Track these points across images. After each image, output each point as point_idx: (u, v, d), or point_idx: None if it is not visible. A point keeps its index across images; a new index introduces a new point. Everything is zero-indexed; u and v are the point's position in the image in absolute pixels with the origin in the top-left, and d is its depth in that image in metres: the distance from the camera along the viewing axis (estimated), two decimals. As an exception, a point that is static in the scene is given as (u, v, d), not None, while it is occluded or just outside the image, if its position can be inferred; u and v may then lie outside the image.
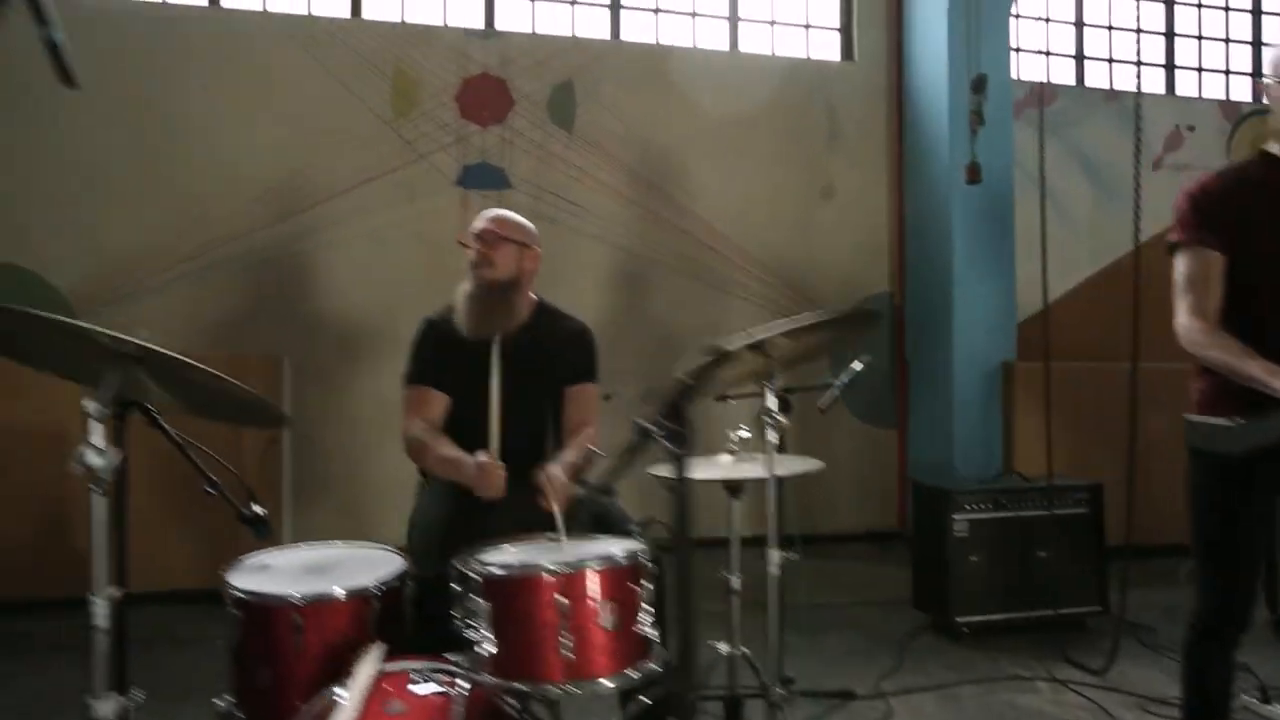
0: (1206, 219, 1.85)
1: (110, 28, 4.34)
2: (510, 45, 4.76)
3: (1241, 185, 1.88)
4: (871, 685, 2.87)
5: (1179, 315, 1.87)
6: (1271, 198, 1.83)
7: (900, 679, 2.95)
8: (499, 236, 2.36)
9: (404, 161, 4.62)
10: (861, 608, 3.85)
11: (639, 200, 4.88)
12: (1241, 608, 1.87)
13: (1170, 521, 3.12)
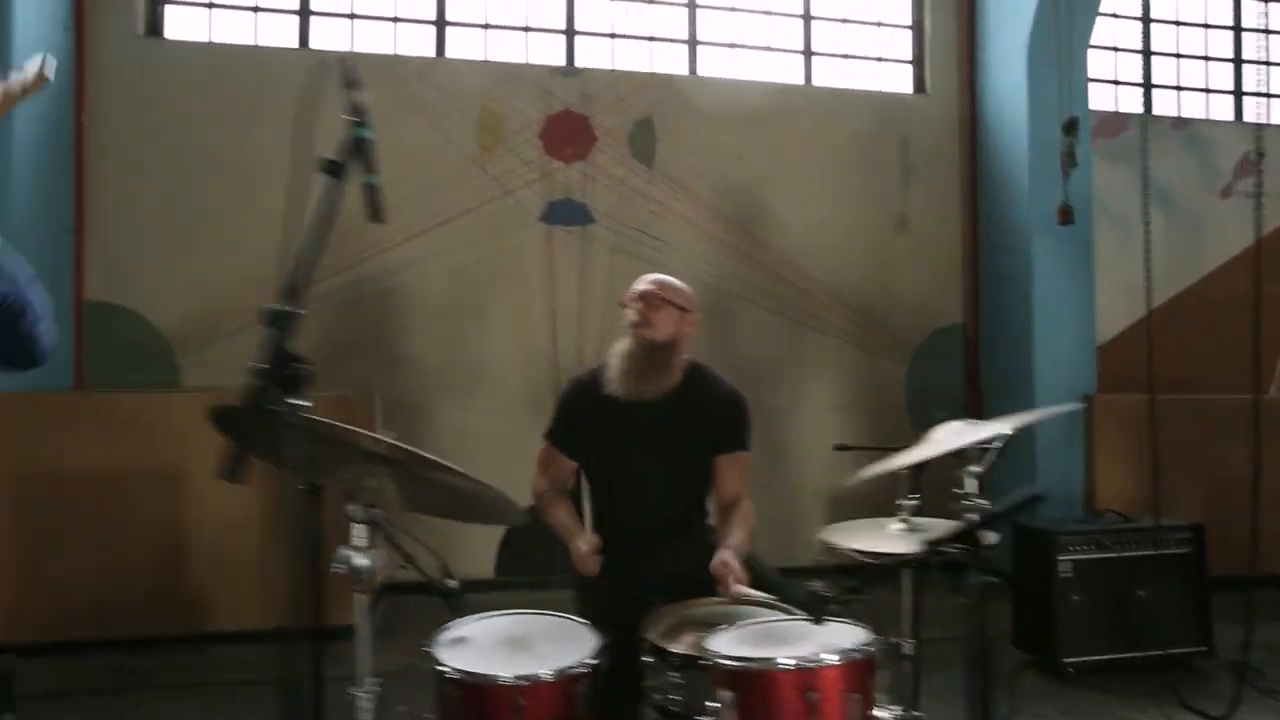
0: None
1: (204, 69, 4.44)
2: (591, 82, 4.82)
3: None
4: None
5: None
6: None
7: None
8: (661, 299, 2.38)
9: (489, 198, 4.68)
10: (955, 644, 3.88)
11: (718, 234, 4.93)
12: None
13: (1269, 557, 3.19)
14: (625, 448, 2.37)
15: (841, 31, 5.28)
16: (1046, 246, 4.55)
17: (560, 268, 4.72)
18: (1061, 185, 4.09)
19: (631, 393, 2.34)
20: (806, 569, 2.76)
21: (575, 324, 4.73)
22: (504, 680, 1.71)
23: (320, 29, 4.71)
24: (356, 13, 4.74)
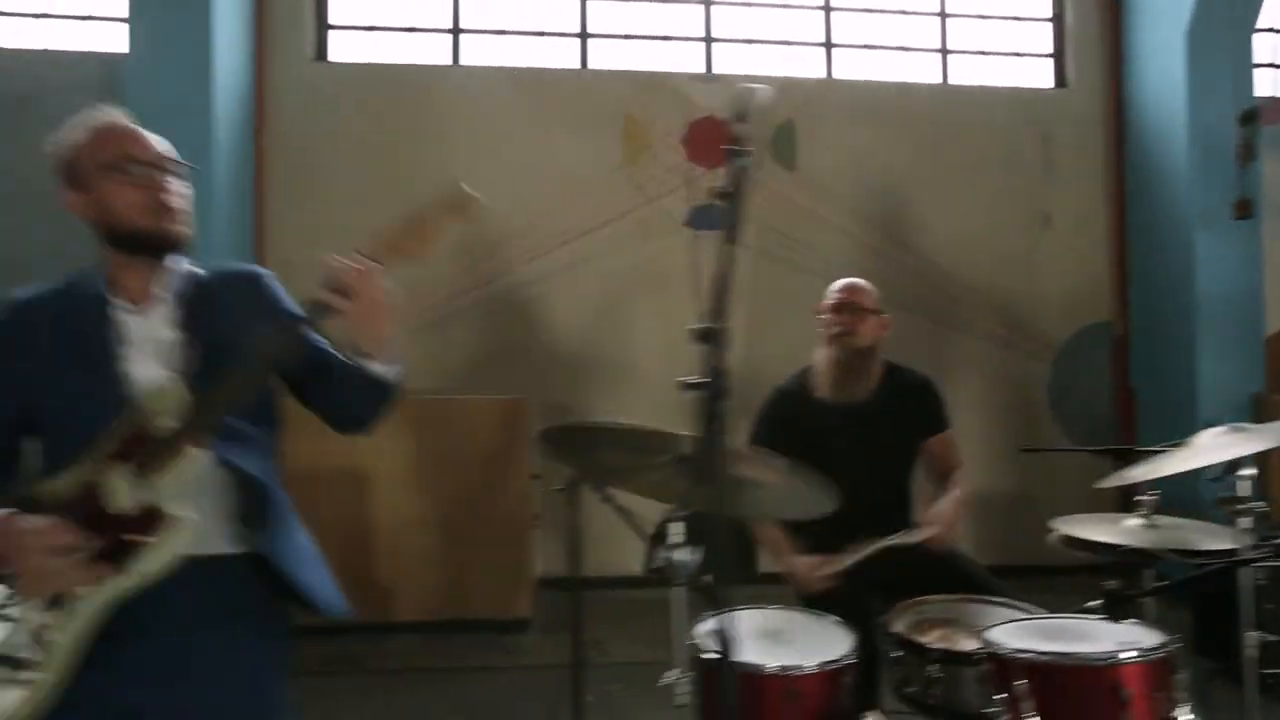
0: None
1: (362, 87, 4.69)
2: (731, 87, 4.87)
3: None
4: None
5: None
6: None
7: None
8: (862, 308, 2.49)
9: (634, 205, 4.80)
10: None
11: (859, 234, 4.93)
12: None
13: None
14: (841, 447, 2.44)
15: (978, 28, 5.21)
16: (1211, 241, 4.39)
17: (705, 272, 4.79)
18: (1237, 178, 3.95)
19: (841, 396, 2.47)
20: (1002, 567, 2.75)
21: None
22: (771, 670, 1.79)
23: (470, 46, 4.91)
24: (504, 29, 4.92)
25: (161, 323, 1.40)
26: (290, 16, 4.70)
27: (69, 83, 4.61)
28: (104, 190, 1.37)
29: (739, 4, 5.05)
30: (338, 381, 1.43)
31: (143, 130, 1.44)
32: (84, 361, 1.34)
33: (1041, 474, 4.72)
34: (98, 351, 1.34)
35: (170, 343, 1.39)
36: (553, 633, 4.11)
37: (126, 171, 1.37)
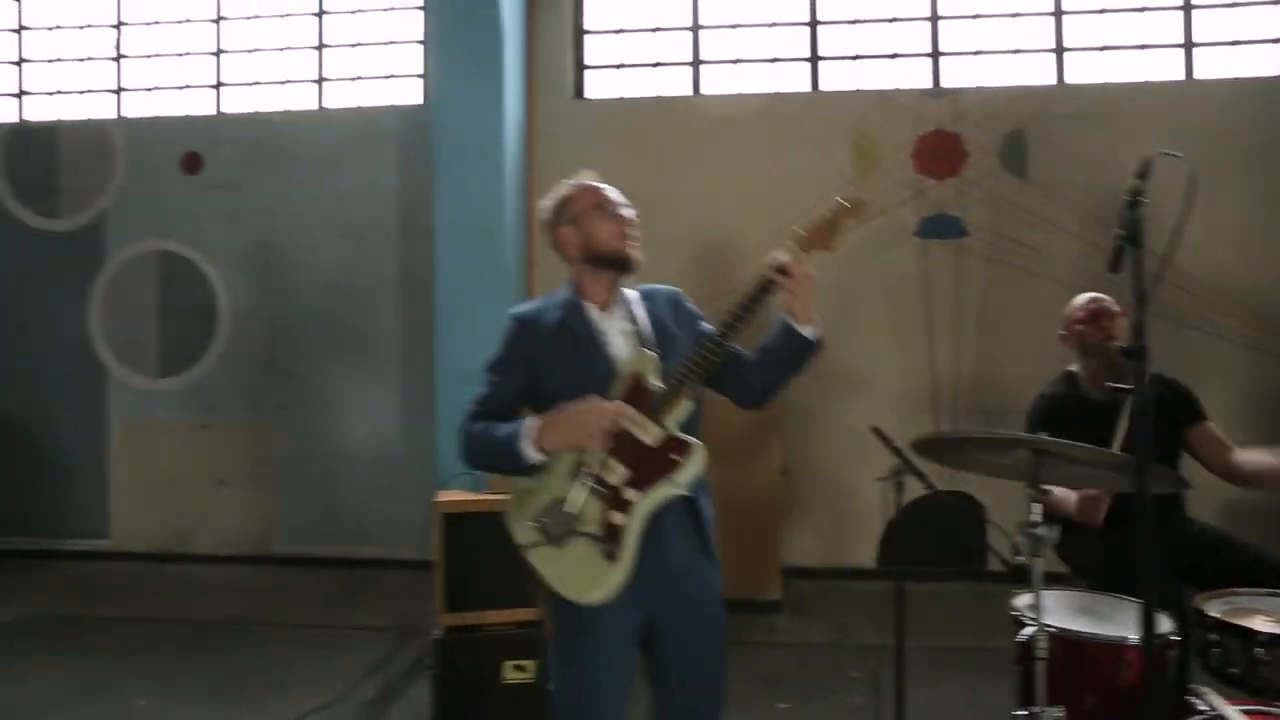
0: None
1: (615, 119, 5.27)
2: (960, 101, 5.06)
3: None
4: None
5: None
6: None
7: None
8: (1116, 313, 2.72)
9: (866, 217, 5.06)
10: None
11: (1093, 239, 4.96)
12: None
13: None
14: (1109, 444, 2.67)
15: (1225, 17, 5.07)
16: None
17: (935, 279, 5.02)
18: None
19: (1107, 394, 2.68)
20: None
21: (951, 331, 5.01)
22: (1104, 639, 2.09)
23: (709, 75, 5.37)
24: (740, 58, 5.34)
25: (620, 319, 1.94)
26: (554, 61, 5.36)
27: (375, 132, 5.52)
28: (589, 223, 1.91)
29: (966, 17, 5.20)
30: (754, 364, 1.88)
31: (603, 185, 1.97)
32: (577, 344, 1.88)
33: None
34: (586, 338, 1.89)
35: (629, 332, 1.91)
36: (800, 615, 4.52)
37: (604, 209, 1.89)
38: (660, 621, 1.78)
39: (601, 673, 1.72)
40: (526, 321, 1.93)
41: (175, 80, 5.82)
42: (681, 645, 1.81)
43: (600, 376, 1.81)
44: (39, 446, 5.72)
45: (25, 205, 5.78)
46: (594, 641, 1.71)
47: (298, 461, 5.51)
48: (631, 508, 1.71)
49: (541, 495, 1.76)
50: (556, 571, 1.71)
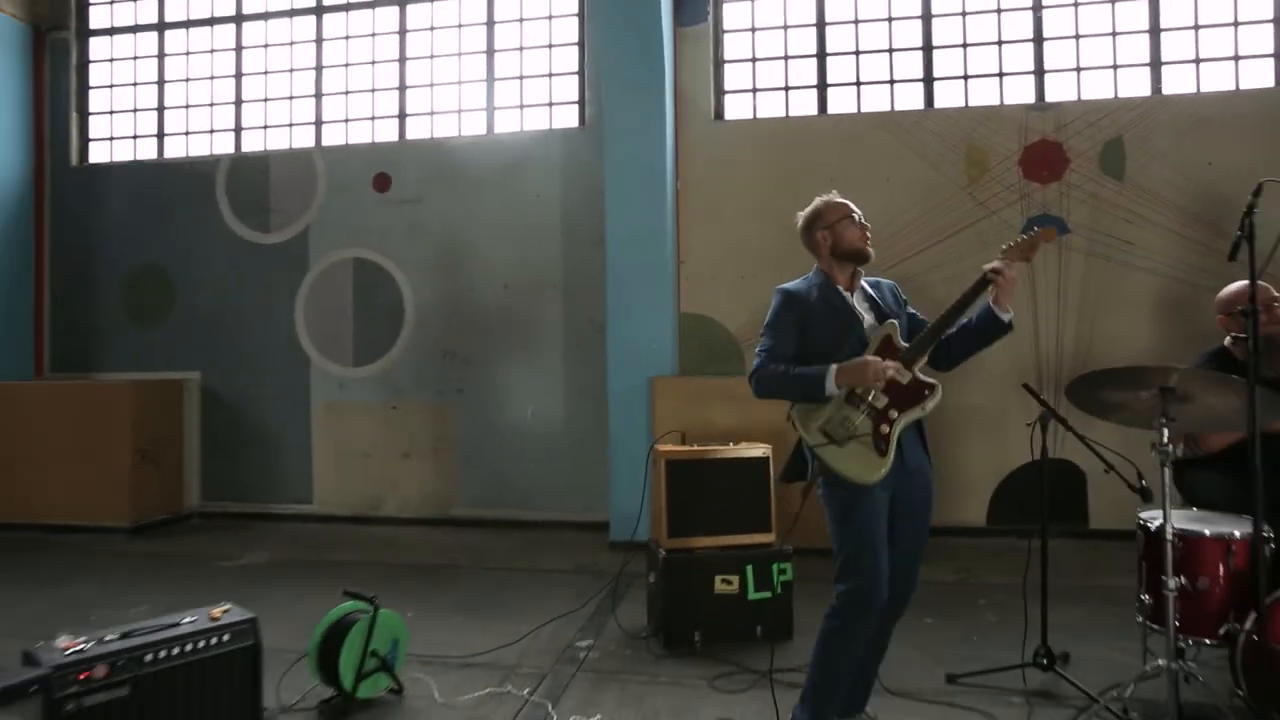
0: None
1: (750, 137, 6.02)
2: (1063, 113, 5.67)
3: None
4: None
5: None
6: None
7: None
8: (1275, 298, 3.30)
9: (976, 218, 5.73)
10: None
11: (1187, 233, 5.51)
12: None
13: None
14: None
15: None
16: None
17: (1040, 272, 5.63)
18: None
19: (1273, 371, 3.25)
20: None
21: (1055, 319, 5.61)
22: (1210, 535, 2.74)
23: (835, 97, 6.08)
24: (861, 80, 6.05)
25: (861, 299, 2.68)
26: (697, 88, 6.14)
27: (539, 153, 6.38)
28: (841, 229, 2.64)
29: (1068, 38, 5.80)
30: (955, 337, 2.60)
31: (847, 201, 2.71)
32: (836, 314, 2.62)
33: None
34: (843, 310, 2.63)
35: (868, 308, 2.65)
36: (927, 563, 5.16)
37: (851, 219, 2.64)
38: (898, 497, 2.52)
39: (876, 524, 2.46)
40: (795, 295, 2.68)
41: (365, 112, 6.80)
42: (907, 518, 2.54)
43: (856, 338, 2.58)
44: (255, 426, 6.74)
45: (242, 222, 6.83)
46: (867, 507, 2.45)
47: (473, 437, 6.39)
48: (894, 424, 2.45)
49: (823, 413, 2.51)
50: (841, 462, 2.45)
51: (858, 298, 2.69)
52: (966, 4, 5.94)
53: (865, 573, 2.44)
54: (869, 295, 2.71)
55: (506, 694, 3.18)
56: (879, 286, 2.77)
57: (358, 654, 3.01)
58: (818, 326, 2.63)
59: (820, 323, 2.63)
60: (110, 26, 7.28)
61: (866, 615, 2.45)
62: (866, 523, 2.46)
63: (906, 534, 2.58)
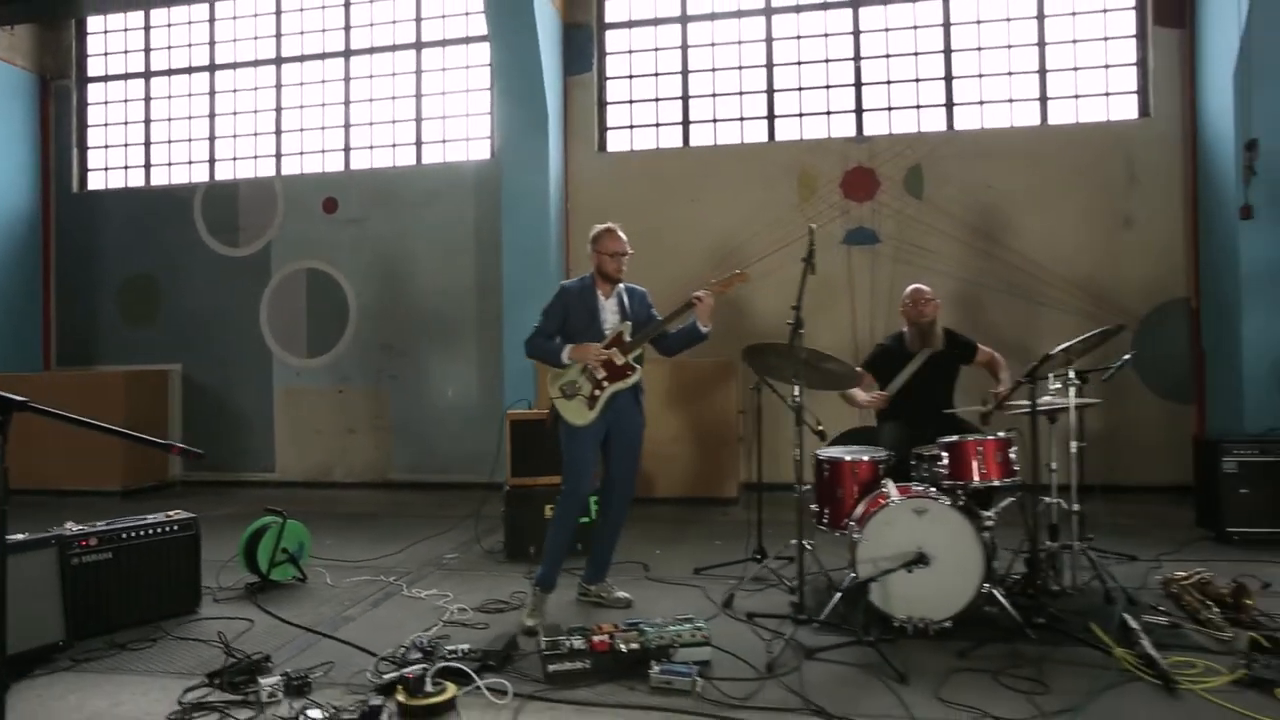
0: None
1: (628, 166, 7.31)
2: (875, 144, 6.97)
3: None
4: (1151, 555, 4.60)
5: None
6: None
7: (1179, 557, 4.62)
8: (929, 299, 4.55)
9: (805, 232, 7.00)
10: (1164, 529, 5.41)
11: (972, 242, 6.80)
12: None
13: None
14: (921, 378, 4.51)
15: (1072, 77, 6.85)
16: (1250, 236, 5.79)
17: (857, 275, 6.93)
18: (1245, 190, 5.44)
19: (918, 348, 4.50)
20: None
21: (868, 313, 6.91)
22: (848, 460, 4.02)
23: (696, 132, 7.39)
24: (717, 118, 7.35)
25: (614, 302, 3.94)
26: (584, 122, 7.45)
27: (458, 180, 7.69)
28: (603, 258, 3.89)
29: (881, 83, 7.10)
30: (673, 337, 3.88)
31: (619, 230, 3.95)
32: (591, 312, 3.87)
33: (1122, 417, 6.35)
34: (594, 309, 3.87)
35: (616, 311, 3.91)
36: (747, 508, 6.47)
37: (612, 252, 3.89)
38: (614, 435, 3.81)
39: (584, 450, 3.74)
40: (566, 291, 3.93)
41: (316, 146, 8.12)
42: (622, 448, 3.83)
43: (597, 330, 3.83)
44: (227, 408, 8.08)
45: (216, 238, 8.17)
46: (580, 439, 3.74)
47: (405, 415, 7.71)
48: (605, 390, 3.75)
49: (565, 377, 3.80)
50: (565, 410, 3.75)
51: (611, 301, 3.91)
52: (801, 55, 7.24)
53: (574, 478, 3.75)
54: (622, 299, 3.94)
55: (377, 580, 4.50)
56: (633, 293, 3.99)
57: (270, 549, 4.33)
58: (575, 316, 3.89)
59: (576, 314, 3.89)
60: (105, 74, 8.64)
61: (575, 504, 3.77)
62: (578, 449, 3.76)
63: (622, 458, 3.86)
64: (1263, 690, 2.80)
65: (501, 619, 3.80)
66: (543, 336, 3.88)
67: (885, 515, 3.52)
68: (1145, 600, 3.78)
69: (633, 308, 3.94)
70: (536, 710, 2.82)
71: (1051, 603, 3.64)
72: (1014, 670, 3.02)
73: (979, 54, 6.96)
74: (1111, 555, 4.56)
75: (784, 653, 3.20)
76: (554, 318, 3.90)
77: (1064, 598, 3.83)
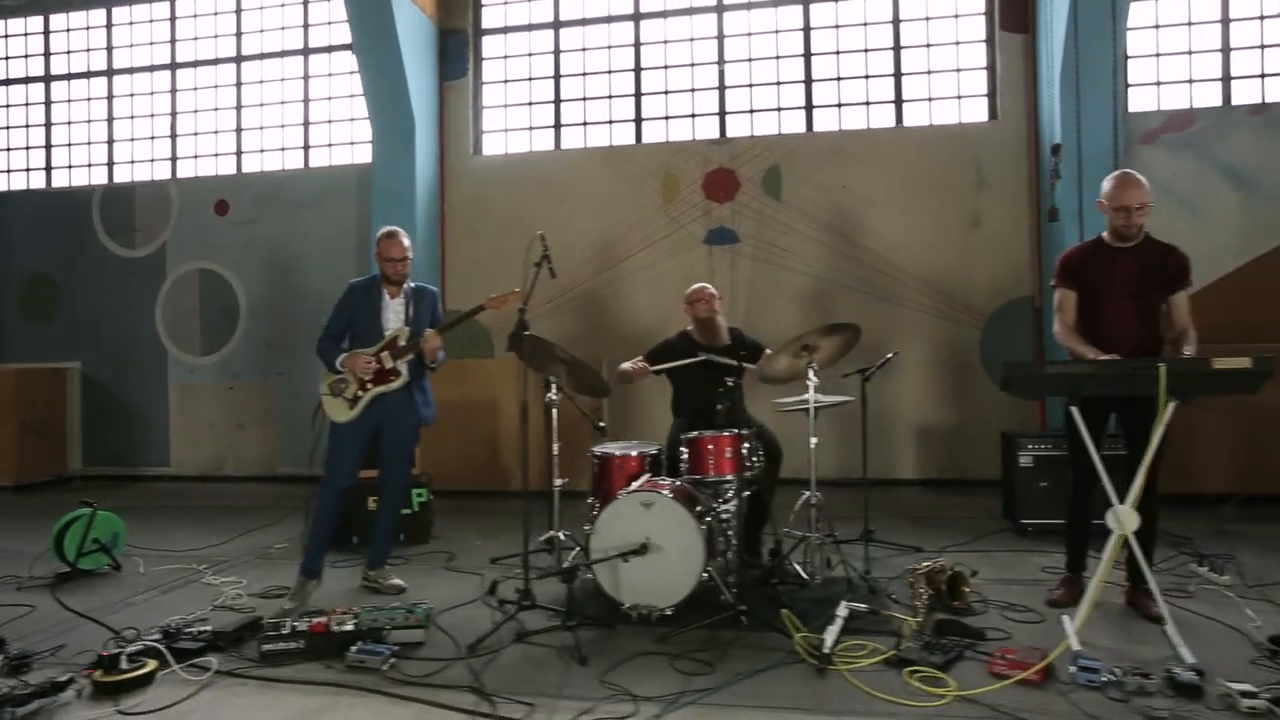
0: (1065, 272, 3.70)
1: (503, 169, 7.49)
2: (736, 146, 7.14)
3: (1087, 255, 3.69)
4: (938, 547, 4.79)
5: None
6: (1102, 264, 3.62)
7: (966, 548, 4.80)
8: (699, 297, 4.74)
9: (669, 231, 7.20)
10: (975, 521, 5.61)
11: (828, 242, 6.97)
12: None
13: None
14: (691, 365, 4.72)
15: (926, 80, 7.01)
16: (1053, 239, 5.97)
17: (718, 272, 7.10)
18: (1052, 191, 5.60)
19: (705, 342, 4.69)
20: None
21: (729, 309, 7.06)
22: (618, 455, 4.21)
23: (567, 135, 7.57)
24: (587, 121, 7.53)
25: (399, 304, 4.12)
26: (459, 127, 7.64)
27: (342, 183, 7.89)
28: (384, 264, 4.07)
29: (743, 86, 7.27)
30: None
31: (401, 234, 4.11)
32: (375, 312, 4.06)
33: (969, 412, 6.53)
34: (378, 310, 4.06)
35: (401, 313, 4.10)
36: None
37: (389, 259, 4.06)
38: (384, 431, 4.01)
39: (343, 446, 3.94)
40: (352, 289, 4.12)
41: (209, 150, 8.33)
42: (392, 443, 4.03)
43: (378, 331, 4.02)
44: (124, 404, 8.31)
45: (113, 240, 8.38)
46: (340, 435, 3.94)
47: (293, 410, 7.92)
48: (368, 391, 3.94)
49: (336, 375, 4.00)
50: (329, 406, 3.96)
51: (398, 303, 4.08)
52: (669, 59, 7.41)
53: (329, 471, 3.96)
54: (409, 301, 4.10)
55: (188, 568, 4.72)
56: (422, 295, 4.16)
57: (78, 539, 4.55)
58: (359, 315, 4.06)
59: (361, 313, 4.05)
60: (6, 78, 8.85)
61: (328, 496, 3.97)
62: (335, 445, 3.97)
63: (392, 456, 4.08)
64: (899, 669, 2.99)
65: (274, 604, 4.00)
66: (329, 338, 4.07)
67: (615, 508, 3.71)
68: (891, 590, 3.98)
69: (418, 311, 4.10)
70: (226, 685, 3.03)
71: (797, 591, 3.85)
72: (697, 654, 3.20)
73: (837, 58, 7.13)
74: (896, 547, 4.76)
75: (492, 636, 3.41)
76: (340, 316, 4.09)
77: (808, 587, 4.02)
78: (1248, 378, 2.97)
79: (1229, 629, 3.36)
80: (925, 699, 2.77)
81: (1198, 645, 3.16)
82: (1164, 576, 4.14)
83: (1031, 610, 3.64)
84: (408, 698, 2.88)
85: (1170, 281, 3.58)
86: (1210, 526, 5.10)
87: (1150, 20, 6.71)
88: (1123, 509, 3.21)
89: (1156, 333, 3.64)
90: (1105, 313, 3.65)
